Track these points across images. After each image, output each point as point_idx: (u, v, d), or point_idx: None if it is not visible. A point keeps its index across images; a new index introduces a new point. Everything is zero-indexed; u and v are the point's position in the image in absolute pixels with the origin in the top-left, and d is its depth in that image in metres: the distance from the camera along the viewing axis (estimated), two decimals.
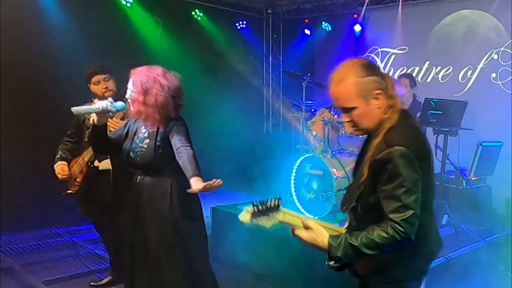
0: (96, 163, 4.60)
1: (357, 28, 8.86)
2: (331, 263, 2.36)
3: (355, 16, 8.88)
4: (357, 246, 2.23)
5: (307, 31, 9.77)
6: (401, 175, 2.22)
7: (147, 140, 3.57)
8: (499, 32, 7.35)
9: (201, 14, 8.95)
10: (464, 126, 5.62)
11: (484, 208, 6.17)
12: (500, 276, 5.10)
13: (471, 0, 7.63)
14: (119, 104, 3.50)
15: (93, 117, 3.50)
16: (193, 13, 8.89)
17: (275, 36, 10.51)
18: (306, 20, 9.78)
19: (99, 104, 3.43)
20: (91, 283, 5.10)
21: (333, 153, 5.67)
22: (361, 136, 2.76)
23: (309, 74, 6.19)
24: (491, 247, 5.27)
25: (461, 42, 7.77)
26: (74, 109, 3.40)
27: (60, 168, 4.49)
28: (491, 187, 6.50)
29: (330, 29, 9.50)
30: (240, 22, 9.71)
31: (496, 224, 5.87)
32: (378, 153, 2.28)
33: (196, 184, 3.17)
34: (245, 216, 2.18)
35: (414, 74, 7.84)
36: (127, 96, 3.52)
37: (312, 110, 6.32)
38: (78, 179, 4.58)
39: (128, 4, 7.75)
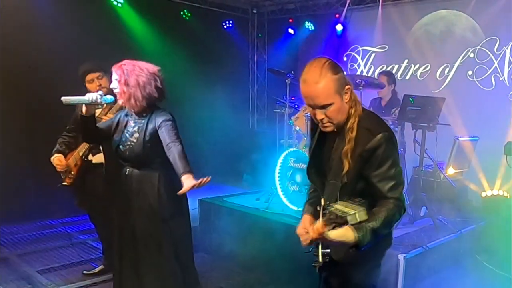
0: (90, 157, 4.70)
1: (339, 27, 8.99)
2: (320, 258, 2.47)
3: (337, 16, 8.99)
4: (377, 228, 2.33)
5: (291, 30, 9.87)
6: (390, 157, 2.45)
7: (136, 135, 3.62)
8: (475, 32, 7.46)
9: (189, 14, 9.04)
10: (441, 122, 5.65)
11: (460, 200, 6.30)
12: (476, 265, 5.26)
13: (448, 0, 7.71)
14: (109, 97, 3.57)
15: (83, 108, 3.54)
16: (181, 13, 8.97)
17: (260, 35, 10.59)
18: (290, 20, 9.87)
19: (88, 96, 3.47)
20: (84, 272, 5.20)
21: None
22: None
23: (292, 72, 6.20)
24: (467, 237, 5.39)
25: (438, 41, 7.87)
26: (64, 98, 3.46)
27: (57, 159, 4.57)
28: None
29: (313, 28, 9.60)
30: (227, 22, 9.81)
31: (472, 215, 5.97)
32: (365, 143, 2.45)
33: (187, 182, 3.26)
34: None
35: (393, 72, 7.93)
36: (111, 86, 3.61)
37: (296, 106, 6.33)
38: (73, 172, 4.66)
39: (119, 5, 7.85)
